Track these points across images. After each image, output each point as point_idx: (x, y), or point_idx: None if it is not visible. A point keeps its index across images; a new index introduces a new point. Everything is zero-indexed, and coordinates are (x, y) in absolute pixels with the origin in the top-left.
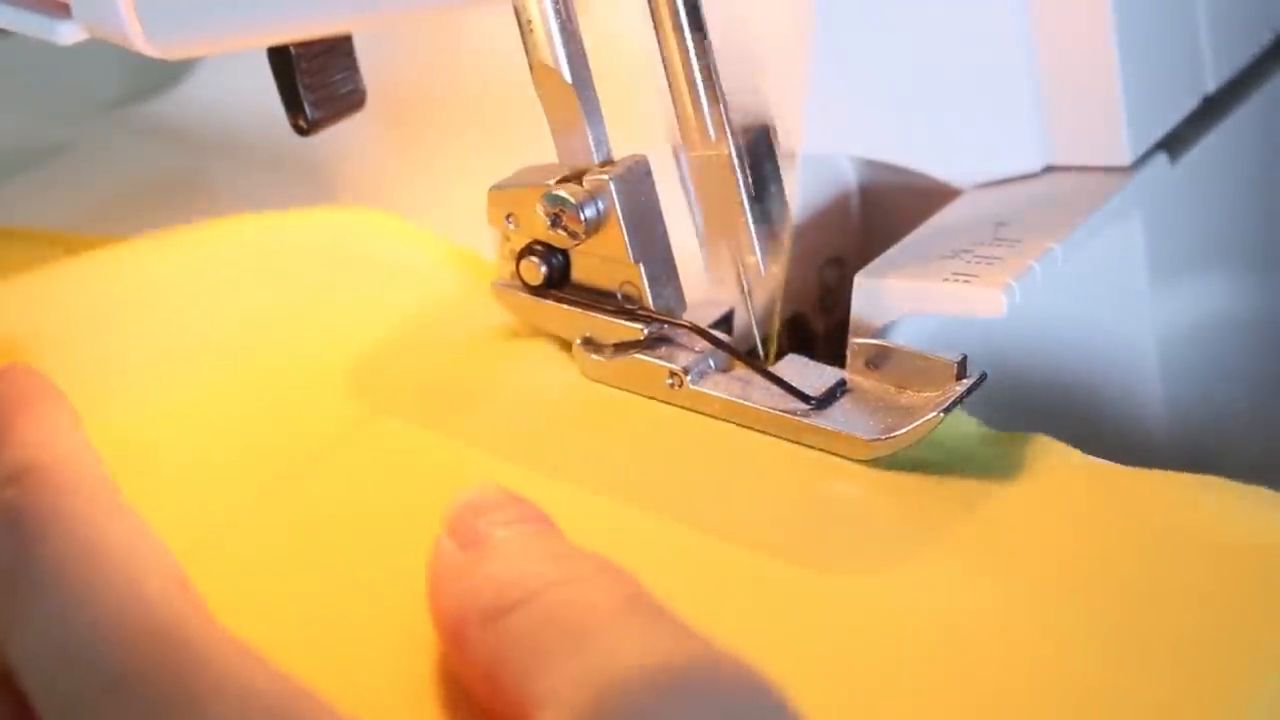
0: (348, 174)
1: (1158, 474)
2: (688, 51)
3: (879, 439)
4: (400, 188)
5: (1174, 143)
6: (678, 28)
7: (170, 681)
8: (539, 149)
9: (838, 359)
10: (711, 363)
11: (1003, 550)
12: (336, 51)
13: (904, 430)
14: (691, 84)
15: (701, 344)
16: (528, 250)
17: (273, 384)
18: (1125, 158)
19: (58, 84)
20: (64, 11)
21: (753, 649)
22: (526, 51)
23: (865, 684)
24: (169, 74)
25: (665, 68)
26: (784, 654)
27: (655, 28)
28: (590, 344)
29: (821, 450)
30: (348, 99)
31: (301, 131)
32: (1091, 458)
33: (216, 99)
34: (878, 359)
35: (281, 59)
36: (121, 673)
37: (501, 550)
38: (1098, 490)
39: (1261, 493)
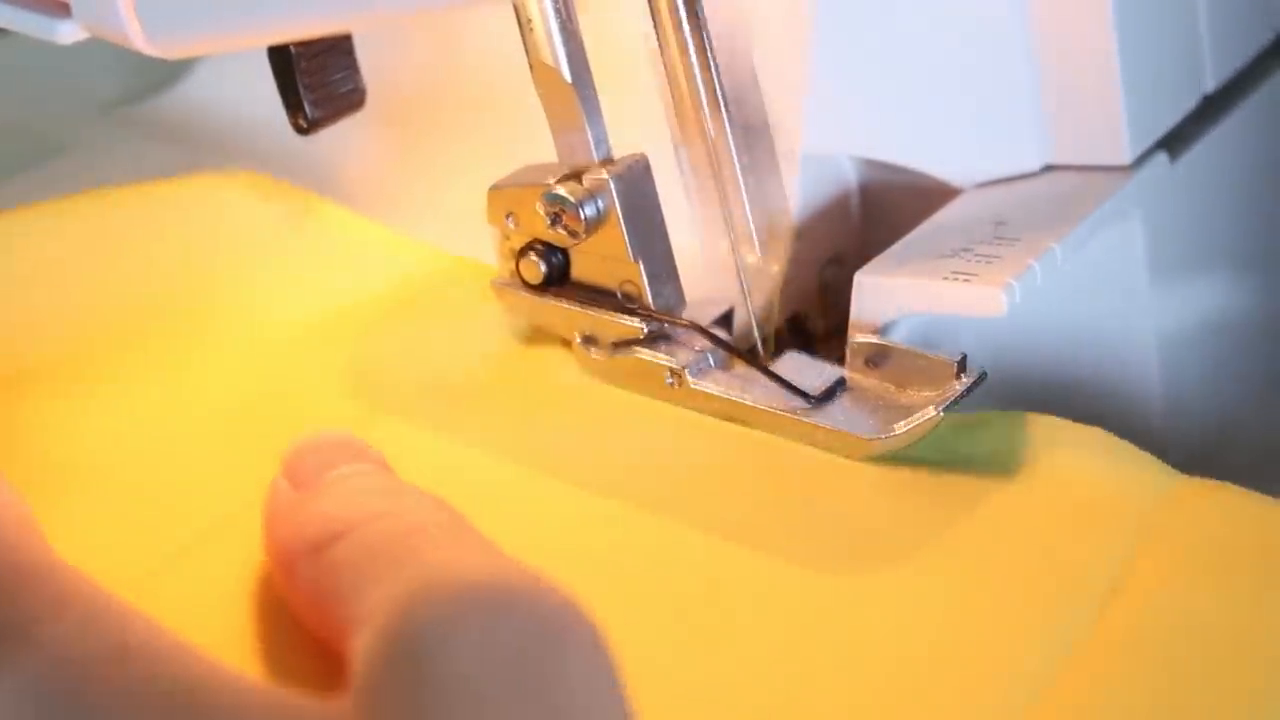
0: (347, 173)
1: (1160, 467)
2: (688, 51)
3: (878, 437)
4: (400, 187)
5: (1174, 142)
6: (678, 27)
7: (6, 604)
8: (539, 149)
9: (837, 358)
10: (711, 360)
11: (1004, 549)
12: (336, 51)
13: (903, 428)
14: (691, 83)
15: (701, 342)
16: (527, 249)
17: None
18: (1125, 157)
19: (58, 84)
20: (64, 11)
21: (751, 647)
22: (526, 50)
23: (863, 682)
24: (169, 74)
25: (665, 65)
26: (783, 653)
27: (655, 27)
28: (590, 342)
29: (821, 448)
30: (347, 98)
31: (301, 131)
32: (1095, 435)
33: (216, 99)
34: (877, 357)
35: (281, 58)
36: None
37: (331, 489)
38: (1097, 485)
39: (1260, 498)
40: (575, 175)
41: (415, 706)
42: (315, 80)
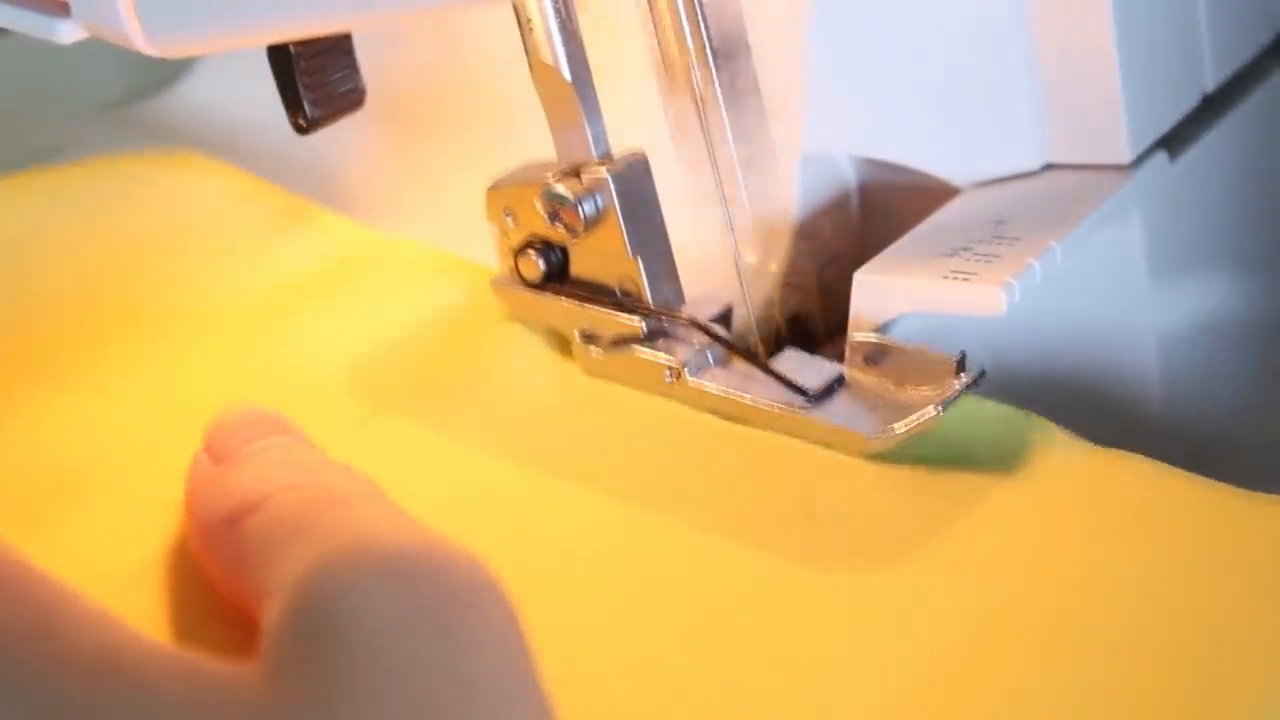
0: (347, 173)
1: (1159, 468)
2: (688, 51)
3: (877, 435)
4: (400, 186)
5: (1174, 141)
6: (677, 27)
7: None
8: (539, 148)
9: (837, 358)
10: (710, 357)
11: (1003, 547)
12: (336, 50)
13: (903, 426)
14: (691, 82)
15: (700, 338)
16: (526, 246)
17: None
18: (1125, 156)
19: (58, 84)
20: (64, 11)
21: (750, 646)
22: (526, 50)
23: (863, 680)
24: (169, 74)
25: (665, 65)
26: (782, 651)
27: (655, 28)
28: (589, 339)
29: (820, 445)
30: (347, 98)
31: (301, 130)
32: (1095, 446)
33: (216, 99)
34: (877, 355)
35: (281, 58)
36: None
37: (249, 462)
38: (1098, 486)
39: (1258, 497)
40: (574, 172)
41: (319, 671)
42: (315, 80)
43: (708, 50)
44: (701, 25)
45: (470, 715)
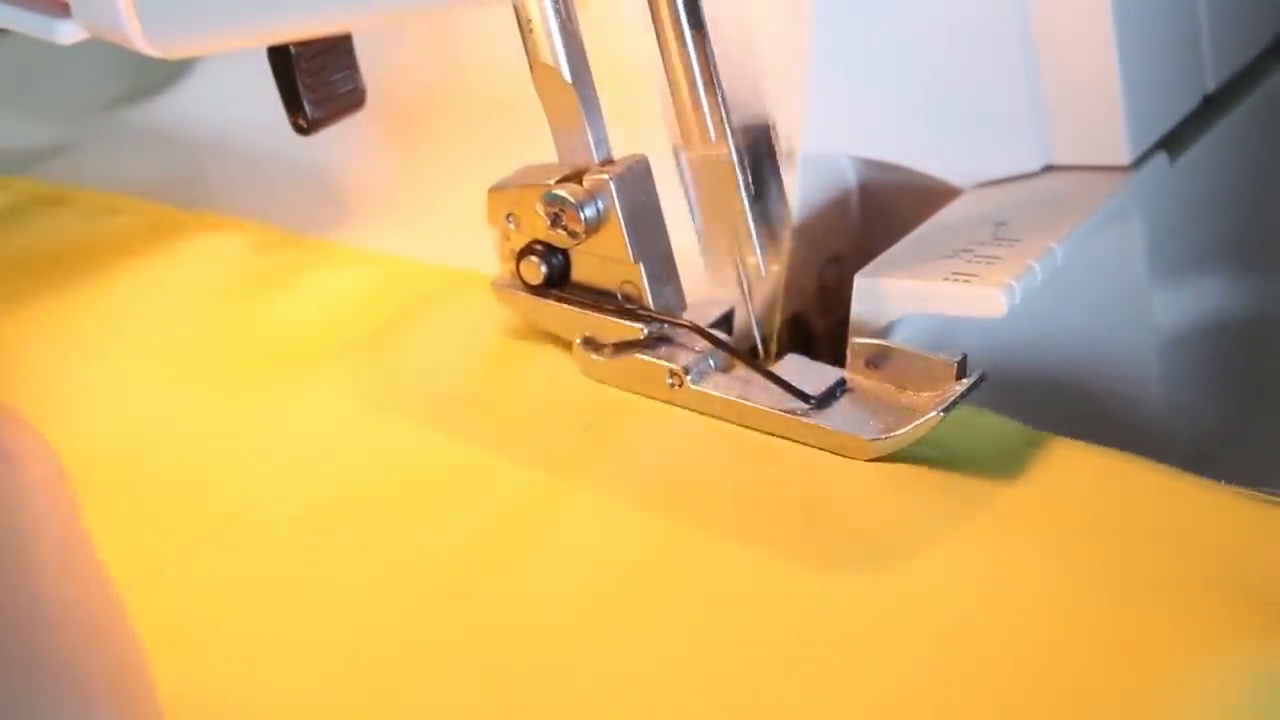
0: (347, 173)
1: (1157, 469)
2: (688, 51)
3: (879, 439)
4: (400, 187)
5: (1174, 142)
6: (678, 27)
7: None
8: (539, 149)
9: (837, 359)
10: (711, 362)
11: (1003, 550)
12: (336, 51)
13: (904, 430)
14: (691, 84)
15: (702, 343)
16: (528, 250)
17: None
18: (1125, 157)
19: (58, 84)
20: (64, 11)
21: (751, 647)
22: (526, 51)
23: (865, 683)
24: (169, 74)
25: (665, 67)
26: (783, 654)
27: (655, 27)
28: (590, 343)
29: (821, 449)
30: (347, 98)
31: (301, 131)
32: (1094, 447)
33: (216, 99)
34: (878, 359)
35: (281, 58)
36: None
37: None
38: (1098, 488)
39: (1258, 497)
40: (575, 176)
41: None
42: (315, 80)
43: (709, 51)
44: (702, 25)
45: None
